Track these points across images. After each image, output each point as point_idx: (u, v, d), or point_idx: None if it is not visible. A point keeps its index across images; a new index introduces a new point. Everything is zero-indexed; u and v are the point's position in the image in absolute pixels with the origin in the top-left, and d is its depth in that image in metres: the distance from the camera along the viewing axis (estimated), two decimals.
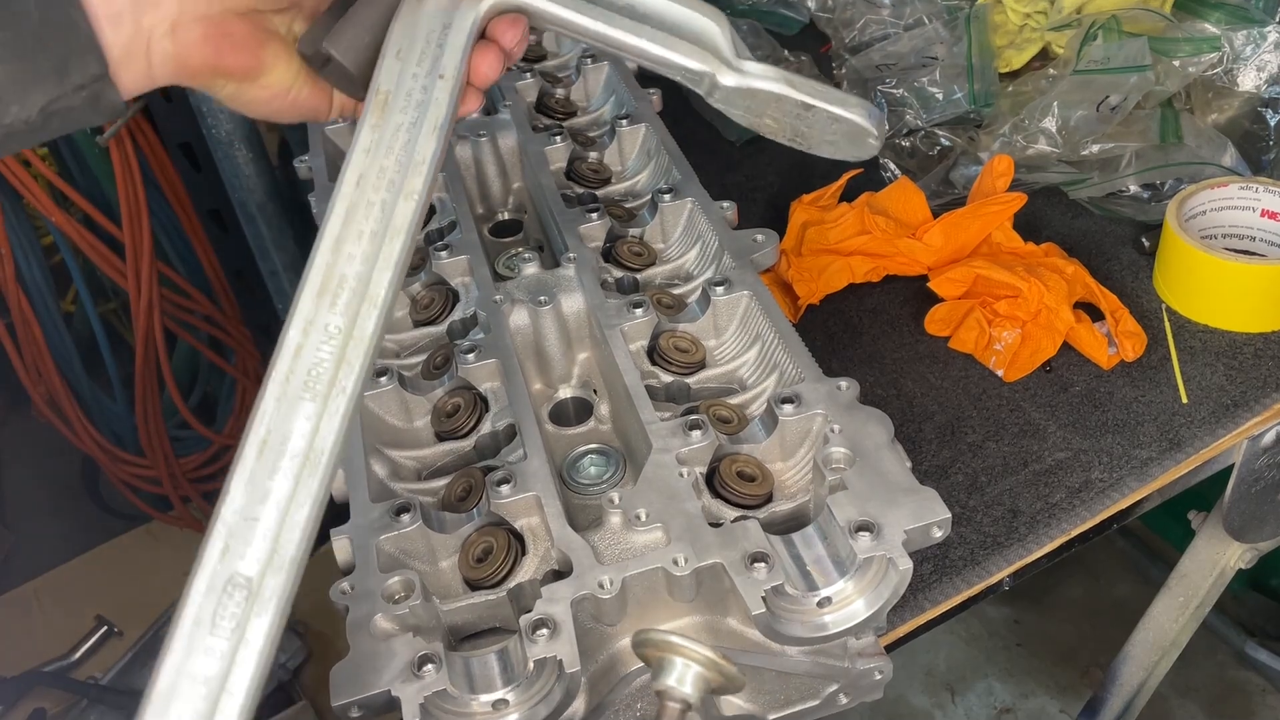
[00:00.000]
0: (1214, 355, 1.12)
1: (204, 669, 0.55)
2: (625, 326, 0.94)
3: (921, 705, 2.25)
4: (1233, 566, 1.30)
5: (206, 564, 0.57)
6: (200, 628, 0.56)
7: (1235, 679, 2.19)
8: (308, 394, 0.61)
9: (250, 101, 0.70)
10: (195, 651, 0.56)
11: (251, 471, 0.60)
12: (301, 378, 0.61)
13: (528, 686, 0.72)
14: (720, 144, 1.55)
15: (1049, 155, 1.33)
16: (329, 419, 0.61)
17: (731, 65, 0.72)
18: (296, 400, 0.61)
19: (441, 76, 0.68)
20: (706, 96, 0.73)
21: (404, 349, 1.03)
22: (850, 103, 0.74)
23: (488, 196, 1.25)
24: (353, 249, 0.64)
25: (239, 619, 0.57)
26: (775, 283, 1.24)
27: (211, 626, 0.56)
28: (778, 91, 0.73)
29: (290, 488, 0.60)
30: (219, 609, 0.57)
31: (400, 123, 0.67)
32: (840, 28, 1.66)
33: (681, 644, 0.65)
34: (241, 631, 0.57)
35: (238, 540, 0.58)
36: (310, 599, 1.97)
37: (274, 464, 0.60)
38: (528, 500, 0.81)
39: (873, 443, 0.80)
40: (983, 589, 0.97)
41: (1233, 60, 1.31)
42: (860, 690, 0.84)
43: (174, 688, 0.55)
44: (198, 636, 0.56)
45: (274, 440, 0.60)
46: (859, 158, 0.77)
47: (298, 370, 0.62)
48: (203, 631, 0.56)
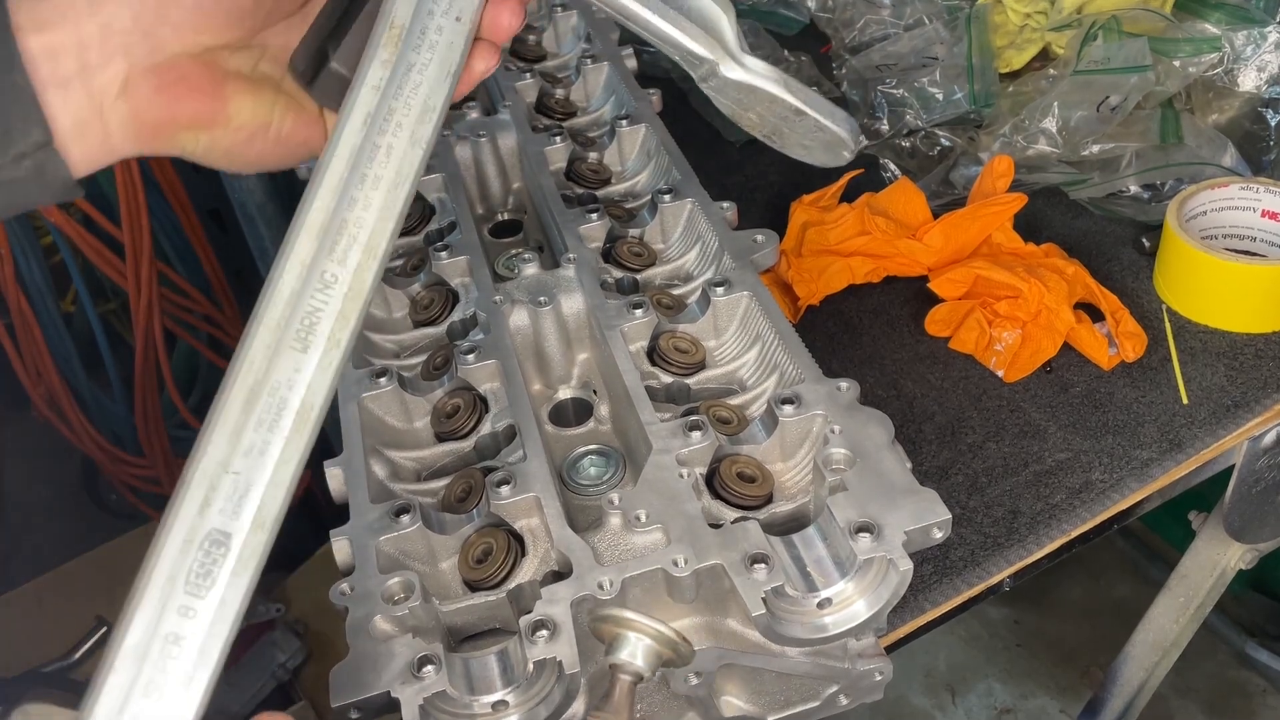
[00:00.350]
0: (1214, 356, 1.12)
1: (179, 628, 0.52)
2: (625, 327, 0.94)
3: (922, 706, 2.25)
4: (1233, 567, 1.30)
5: (183, 517, 0.54)
6: (174, 584, 0.52)
7: (1236, 679, 2.19)
8: (299, 345, 0.57)
9: (230, 151, 0.66)
10: (169, 609, 0.52)
11: (236, 422, 0.56)
12: (295, 327, 0.58)
13: (527, 688, 0.72)
14: (720, 144, 1.55)
15: (1049, 156, 1.33)
16: (321, 374, 0.58)
17: (735, 57, 0.72)
18: (288, 350, 0.57)
19: (459, 19, 0.63)
20: (700, 82, 0.73)
21: (404, 350, 1.03)
22: (837, 115, 0.75)
23: (487, 197, 1.25)
24: (356, 193, 0.60)
25: (216, 578, 0.53)
26: (775, 283, 1.24)
27: (186, 584, 0.53)
28: (774, 92, 0.73)
29: (278, 444, 0.56)
30: (195, 565, 0.53)
31: (414, 62, 0.62)
32: (840, 28, 1.66)
33: (633, 619, 0.64)
34: (219, 591, 0.53)
35: (219, 494, 0.54)
36: (310, 599, 1.97)
37: (260, 416, 0.56)
38: (527, 501, 0.81)
39: (873, 443, 0.80)
40: (983, 590, 0.97)
41: (1233, 60, 1.31)
42: (860, 691, 0.84)
43: (144, 647, 0.51)
44: (172, 593, 0.52)
45: (260, 391, 0.56)
46: (826, 165, 0.78)
47: (293, 319, 0.58)
48: (177, 588, 0.52)
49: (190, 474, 0.54)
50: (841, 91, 1.57)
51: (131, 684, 0.50)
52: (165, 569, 0.53)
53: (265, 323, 0.57)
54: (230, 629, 0.53)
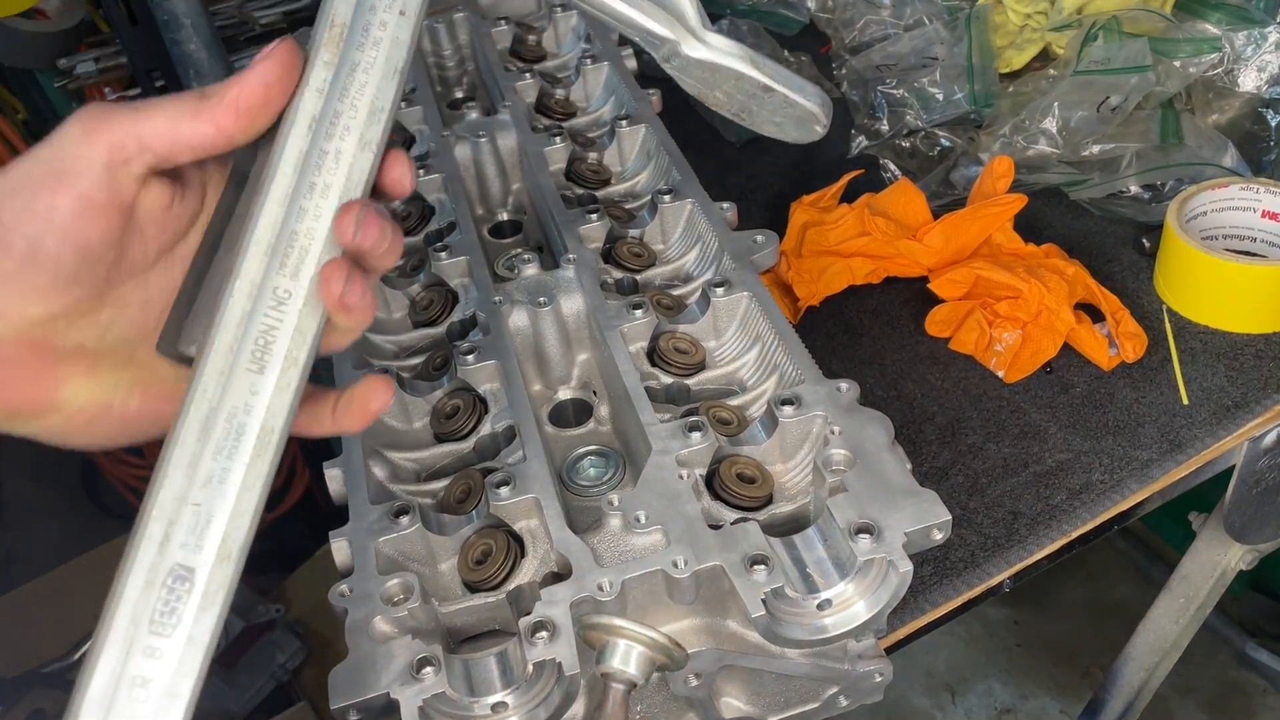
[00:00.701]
0: (1215, 356, 1.12)
1: (145, 671, 0.50)
2: (625, 328, 0.94)
3: (922, 707, 2.25)
4: (1233, 568, 1.29)
5: (143, 555, 0.51)
6: (139, 626, 0.50)
7: (1236, 680, 2.19)
8: (255, 366, 0.55)
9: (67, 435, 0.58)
10: (135, 652, 0.50)
11: (192, 453, 0.53)
12: (249, 348, 0.55)
13: (527, 689, 0.72)
14: (720, 144, 1.55)
15: (1049, 156, 1.32)
16: (280, 394, 0.55)
17: (697, 35, 0.69)
18: (242, 373, 0.54)
19: (403, 13, 0.59)
20: (662, 63, 0.71)
21: (403, 350, 1.03)
22: (808, 90, 0.72)
23: (487, 197, 1.25)
24: (306, 203, 0.56)
25: (181, 615, 0.51)
26: (775, 284, 1.24)
27: (151, 624, 0.50)
28: (740, 69, 0.70)
29: (238, 471, 0.53)
30: (159, 604, 0.51)
31: (358, 61, 0.58)
32: (840, 28, 1.66)
33: (622, 626, 0.62)
34: (186, 629, 0.51)
35: (179, 529, 0.52)
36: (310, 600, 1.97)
37: (219, 444, 0.53)
38: (527, 502, 0.81)
39: (873, 444, 0.80)
40: (983, 591, 0.96)
41: (1233, 61, 1.31)
42: (860, 692, 0.84)
43: (111, 693, 0.49)
44: (136, 636, 0.50)
45: (217, 418, 0.54)
46: (799, 141, 0.75)
47: (245, 341, 0.55)
48: (141, 630, 0.50)
49: (148, 509, 0.52)
50: (841, 91, 1.57)
51: None
52: (127, 611, 0.51)
53: (217, 348, 0.55)
54: (200, 667, 0.51)
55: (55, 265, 0.52)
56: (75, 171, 0.52)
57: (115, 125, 0.52)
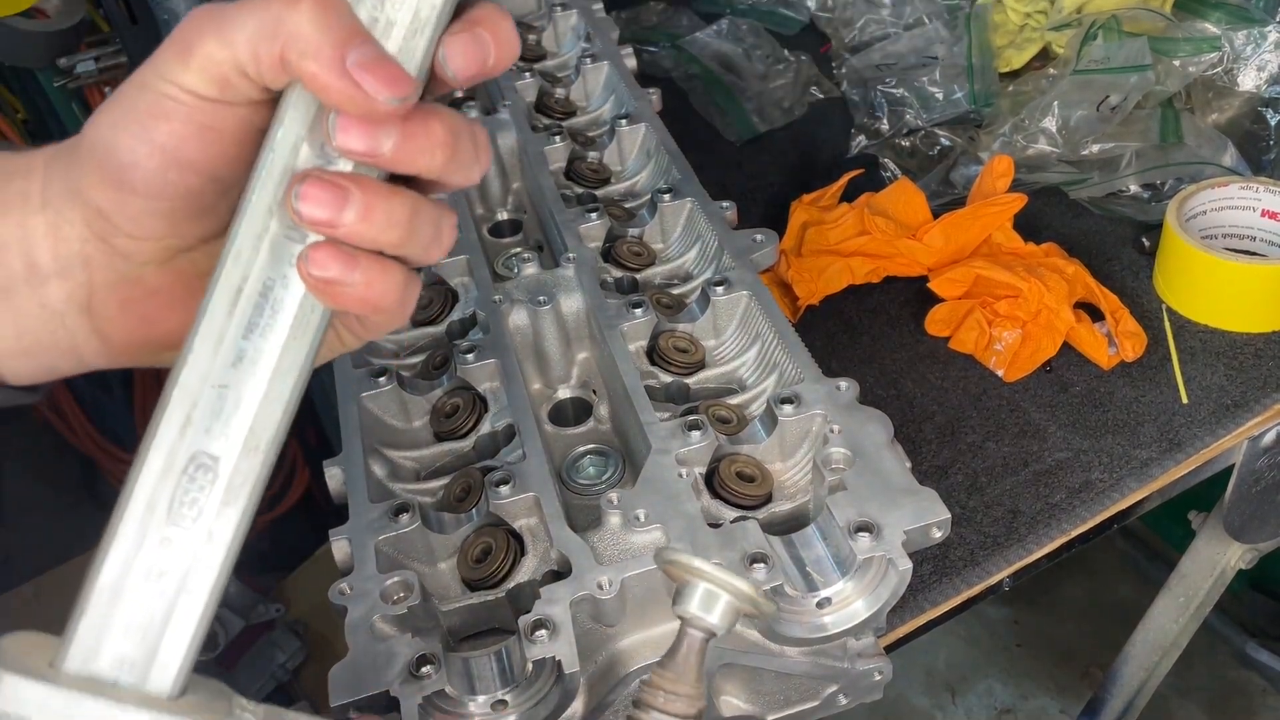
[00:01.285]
0: (1214, 355, 1.12)
1: (159, 562, 0.46)
2: (624, 326, 0.94)
3: (921, 706, 2.25)
4: (1233, 567, 1.29)
5: (162, 439, 0.46)
6: (154, 514, 0.46)
7: (1236, 679, 2.19)
8: (297, 234, 0.47)
9: None
10: (148, 542, 0.46)
11: (221, 329, 0.47)
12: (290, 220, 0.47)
13: (526, 687, 0.72)
14: (720, 144, 1.55)
15: (1049, 155, 1.33)
16: None
17: None
18: (281, 240, 0.48)
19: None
20: None
21: (403, 349, 1.03)
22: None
23: (487, 196, 1.25)
24: None
25: (202, 507, 0.46)
26: (775, 283, 1.24)
27: (169, 514, 0.46)
28: None
29: (272, 352, 0.48)
30: (179, 493, 0.46)
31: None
32: (840, 27, 1.66)
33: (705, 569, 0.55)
34: (207, 523, 0.46)
35: (203, 412, 0.47)
36: (309, 599, 1.97)
37: (253, 320, 0.47)
38: (527, 500, 0.81)
39: (872, 443, 0.80)
40: (983, 589, 0.96)
41: (1233, 60, 1.31)
42: (860, 691, 0.84)
43: (120, 583, 0.45)
44: (151, 524, 0.46)
45: (253, 290, 0.47)
46: None
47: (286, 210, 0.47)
48: (157, 519, 0.46)
49: (170, 391, 0.47)
50: (842, 91, 1.57)
51: (106, 624, 0.45)
52: (143, 497, 0.46)
53: (254, 207, 0.48)
54: (220, 566, 0.47)
55: (183, 196, 0.50)
56: (180, 99, 0.48)
57: (212, 43, 0.47)
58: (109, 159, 0.49)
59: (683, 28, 1.77)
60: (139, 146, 0.48)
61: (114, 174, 0.49)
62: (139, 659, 0.45)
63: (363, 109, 0.45)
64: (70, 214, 0.51)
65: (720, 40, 1.70)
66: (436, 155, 0.48)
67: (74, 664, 0.45)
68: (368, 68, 0.44)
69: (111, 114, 0.49)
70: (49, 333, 0.53)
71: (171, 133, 0.48)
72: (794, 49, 1.66)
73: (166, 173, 0.49)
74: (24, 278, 0.51)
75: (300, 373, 0.48)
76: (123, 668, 0.45)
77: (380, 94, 0.45)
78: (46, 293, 0.52)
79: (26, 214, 0.51)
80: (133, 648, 0.46)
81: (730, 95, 1.59)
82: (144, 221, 0.51)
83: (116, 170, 0.49)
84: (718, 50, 1.68)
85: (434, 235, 0.50)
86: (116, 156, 0.49)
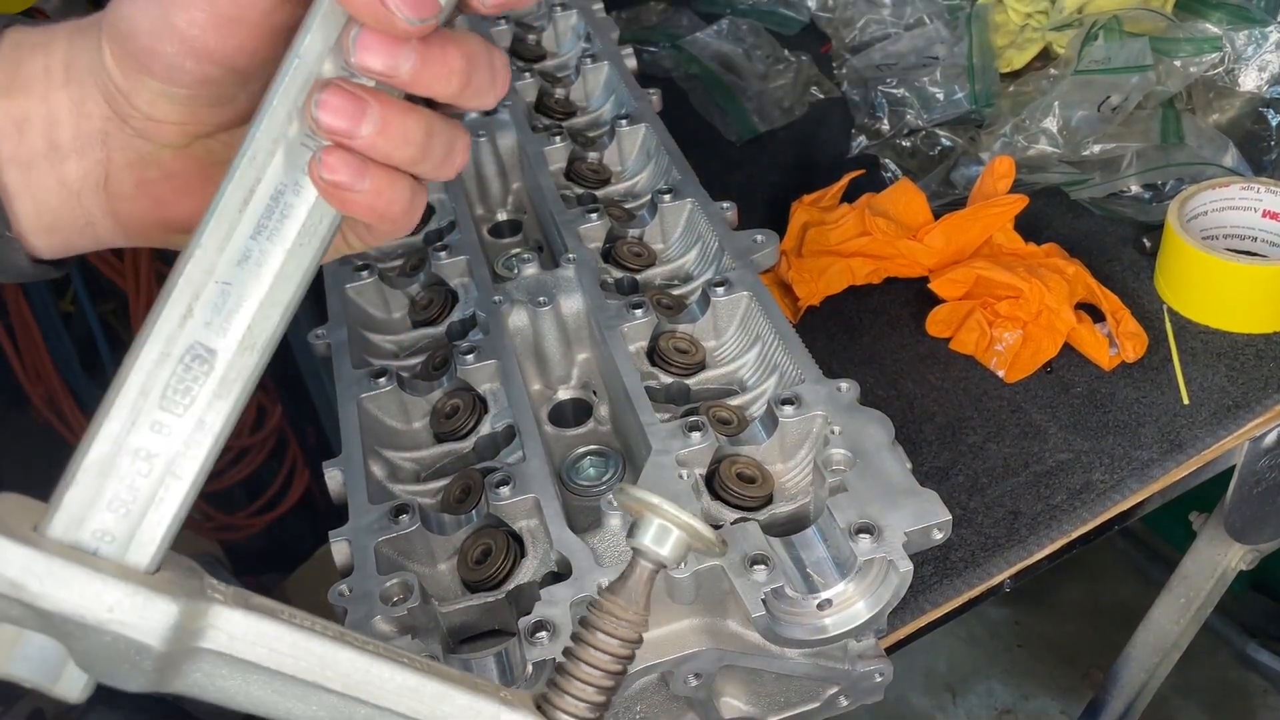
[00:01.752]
0: (1215, 356, 1.12)
1: (150, 445, 0.47)
2: (625, 327, 0.94)
3: (922, 707, 2.25)
4: (1234, 568, 1.29)
5: (161, 327, 0.47)
6: (148, 398, 0.47)
7: (1237, 680, 2.19)
8: (312, 142, 0.49)
9: None
10: (140, 424, 0.47)
11: (229, 226, 0.48)
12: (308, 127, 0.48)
13: (526, 689, 0.72)
14: (720, 144, 1.55)
15: (1050, 155, 1.32)
16: None
17: None
18: (297, 146, 0.48)
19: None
20: None
21: (402, 350, 1.03)
22: None
23: (487, 197, 1.24)
24: None
25: (195, 396, 0.48)
26: (775, 283, 1.24)
27: (162, 398, 0.47)
28: None
29: (277, 256, 0.49)
30: (173, 381, 0.47)
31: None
32: (840, 27, 1.66)
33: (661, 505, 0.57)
34: (198, 411, 0.48)
35: (205, 306, 0.48)
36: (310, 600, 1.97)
37: (263, 221, 0.49)
38: (527, 502, 0.81)
39: (873, 444, 0.80)
40: (983, 591, 0.96)
41: (1234, 60, 1.31)
42: (861, 692, 0.84)
43: (110, 461, 0.47)
44: (144, 407, 0.47)
45: (265, 192, 0.48)
46: None
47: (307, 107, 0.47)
48: (151, 403, 0.47)
49: (173, 282, 0.48)
50: (842, 91, 1.57)
51: (92, 497, 0.47)
52: (138, 381, 0.47)
53: (274, 110, 0.48)
54: (207, 454, 0.48)
55: (201, 84, 0.51)
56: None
57: None
58: (128, 41, 0.50)
59: (683, 28, 1.76)
60: (158, 31, 0.49)
61: (132, 57, 0.50)
62: (120, 533, 0.47)
63: (384, 24, 0.45)
64: (92, 91, 0.52)
65: (720, 40, 1.70)
66: (452, 81, 0.48)
67: (57, 530, 0.46)
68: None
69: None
70: (67, 209, 0.54)
71: (192, 21, 0.48)
72: (794, 49, 1.66)
73: (184, 60, 0.49)
74: (44, 153, 0.52)
75: (303, 277, 0.50)
76: (104, 539, 0.47)
77: (401, 11, 0.44)
78: (65, 170, 0.53)
79: (50, 89, 0.52)
80: (115, 522, 0.47)
81: (730, 95, 1.59)
82: (161, 105, 0.51)
83: (134, 53, 0.50)
84: (718, 50, 1.68)
85: (446, 155, 0.51)
86: (135, 40, 0.49)
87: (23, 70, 0.52)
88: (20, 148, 0.52)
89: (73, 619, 0.44)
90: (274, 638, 0.48)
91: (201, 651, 0.46)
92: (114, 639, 0.45)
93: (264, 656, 0.47)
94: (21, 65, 0.52)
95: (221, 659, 0.47)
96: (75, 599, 0.44)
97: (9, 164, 0.52)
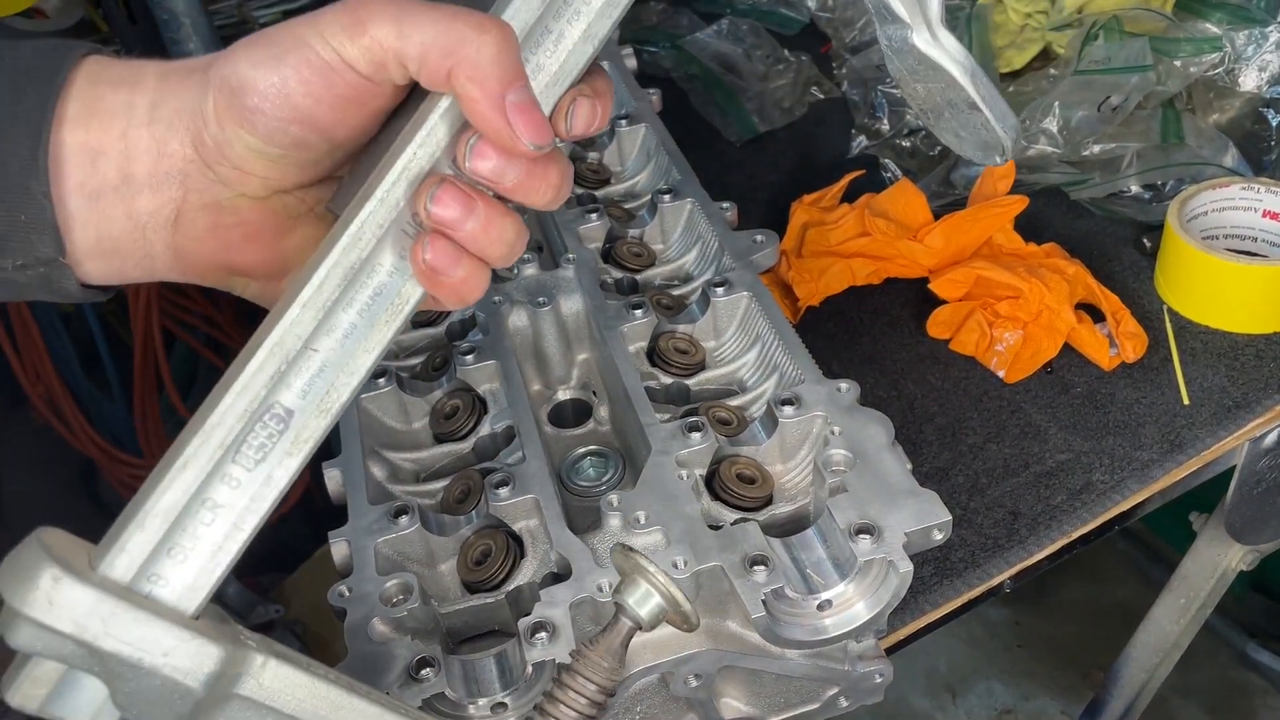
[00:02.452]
0: (1215, 356, 1.12)
1: (220, 496, 0.49)
2: (624, 328, 0.94)
3: (922, 707, 2.25)
4: (1234, 568, 1.29)
5: (250, 385, 0.50)
6: (227, 452, 0.50)
7: (1237, 680, 2.19)
8: (412, 229, 0.53)
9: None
10: (216, 476, 0.49)
11: (329, 297, 0.51)
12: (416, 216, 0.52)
13: (526, 690, 0.72)
14: (720, 144, 1.55)
15: (1050, 156, 1.32)
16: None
17: (931, 28, 0.66)
18: (401, 235, 0.53)
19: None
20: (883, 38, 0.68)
21: (402, 350, 1.03)
22: (1007, 120, 0.69)
23: None
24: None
25: (268, 453, 0.50)
26: (775, 284, 1.23)
27: (239, 453, 0.50)
28: (957, 78, 0.67)
29: (367, 328, 0.52)
30: (250, 436, 0.50)
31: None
32: (840, 27, 1.65)
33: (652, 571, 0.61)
34: (268, 468, 0.50)
35: (293, 370, 0.51)
36: (309, 601, 1.96)
37: (357, 296, 0.52)
38: (526, 502, 0.81)
39: (873, 445, 0.80)
40: (983, 591, 0.96)
41: (1234, 60, 1.31)
42: (861, 693, 0.84)
43: (180, 509, 0.49)
44: (223, 461, 0.49)
45: (365, 269, 0.52)
46: (971, 159, 0.73)
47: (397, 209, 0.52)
48: (228, 456, 0.50)
49: (263, 340, 0.51)
50: (842, 91, 1.57)
51: (158, 543, 0.48)
52: (219, 436, 0.50)
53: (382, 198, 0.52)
54: (268, 509, 0.51)
55: (297, 147, 0.53)
56: (333, 66, 0.50)
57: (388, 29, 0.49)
58: (237, 97, 0.51)
59: (683, 28, 1.76)
60: (272, 94, 0.51)
61: (237, 111, 0.51)
62: (175, 579, 0.49)
63: (506, 145, 0.50)
64: (180, 132, 0.53)
65: (720, 40, 1.70)
66: (547, 194, 0.54)
67: (117, 571, 0.48)
68: (522, 110, 0.50)
69: (253, 55, 0.51)
70: (129, 241, 0.55)
71: (309, 93, 0.51)
72: (794, 49, 1.66)
73: (289, 125, 0.52)
74: (115, 185, 0.53)
75: (383, 350, 0.53)
76: (158, 583, 0.48)
77: (524, 136, 0.50)
78: (136, 203, 0.54)
79: (131, 125, 0.53)
80: (173, 568, 0.49)
81: (730, 95, 1.59)
82: (252, 159, 0.54)
83: (240, 109, 0.51)
84: (718, 50, 1.68)
85: (516, 253, 0.56)
86: (245, 98, 0.51)
87: (103, 103, 0.53)
88: (91, 177, 0.53)
89: (129, 661, 0.46)
90: (297, 685, 0.50)
91: (234, 697, 0.48)
92: (163, 682, 0.46)
93: (288, 704, 0.49)
94: (102, 99, 0.53)
95: (250, 705, 0.48)
96: (135, 642, 0.46)
97: (75, 192, 0.53)
